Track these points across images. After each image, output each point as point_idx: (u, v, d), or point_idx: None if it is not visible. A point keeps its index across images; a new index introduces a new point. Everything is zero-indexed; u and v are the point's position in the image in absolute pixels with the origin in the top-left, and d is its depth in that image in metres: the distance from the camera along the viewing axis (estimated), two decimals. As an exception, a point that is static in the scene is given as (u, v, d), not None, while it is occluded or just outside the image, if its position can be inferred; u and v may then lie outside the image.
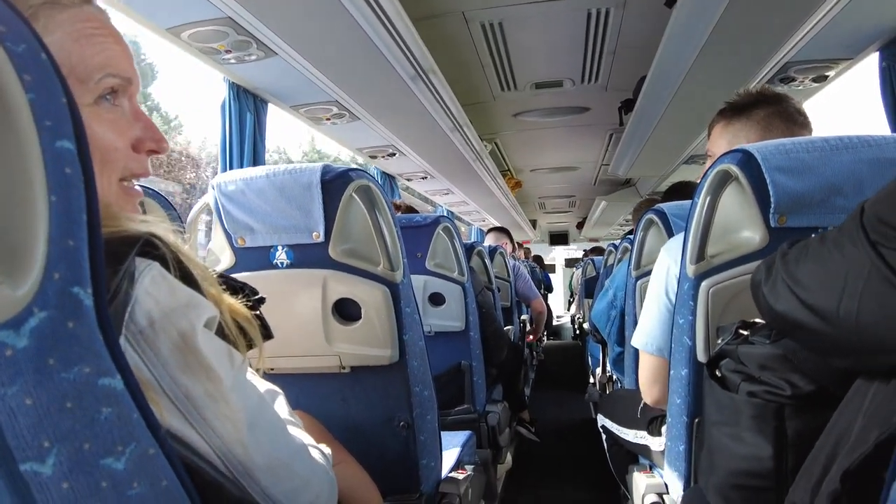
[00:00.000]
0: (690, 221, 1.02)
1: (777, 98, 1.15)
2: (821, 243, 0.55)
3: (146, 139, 0.57)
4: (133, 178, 0.57)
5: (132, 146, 0.56)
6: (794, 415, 0.70)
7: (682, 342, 1.04)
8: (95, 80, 0.51)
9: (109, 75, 0.52)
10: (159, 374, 0.46)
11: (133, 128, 0.56)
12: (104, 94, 0.53)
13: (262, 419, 0.55)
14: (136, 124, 0.56)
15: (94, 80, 0.51)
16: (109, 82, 0.52)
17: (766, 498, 0.74)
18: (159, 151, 0.58)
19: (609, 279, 2.16)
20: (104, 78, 0.52)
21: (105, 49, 0.52)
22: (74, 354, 0.36)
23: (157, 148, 0.58)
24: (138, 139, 0.56)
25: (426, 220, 1.83)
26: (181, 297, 0.48)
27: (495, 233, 4.15)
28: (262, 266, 1.09)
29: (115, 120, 0.54)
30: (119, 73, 0.53)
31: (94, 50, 0.51)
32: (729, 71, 2.08)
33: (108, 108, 0.53)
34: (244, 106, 2.09)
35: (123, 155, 0.55)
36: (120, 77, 0.53)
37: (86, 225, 0.37)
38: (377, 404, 1.14)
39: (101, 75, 0.51)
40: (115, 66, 0.53)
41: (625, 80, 3.04)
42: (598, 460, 2.77)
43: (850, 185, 0.89)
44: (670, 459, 1.12)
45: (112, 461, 0.38)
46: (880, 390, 0.50)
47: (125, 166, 0.55)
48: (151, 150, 0.58)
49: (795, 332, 0.60)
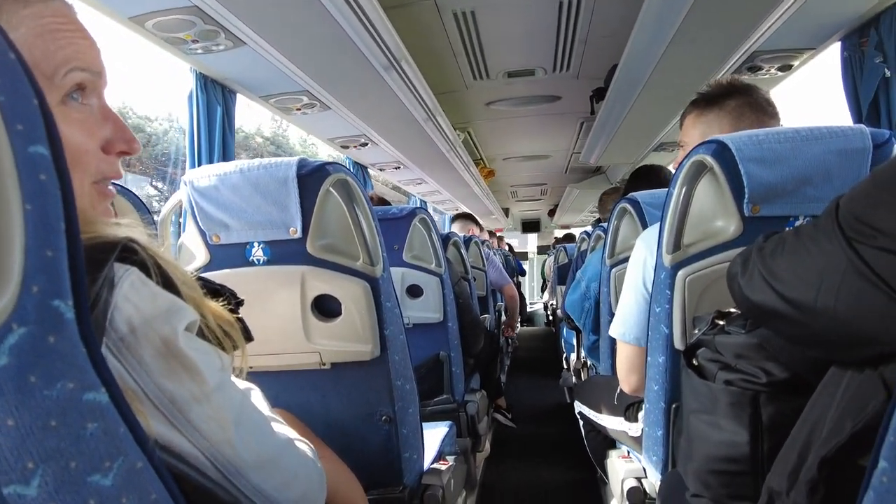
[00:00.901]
0: (666, 211, 1.04)
1: (747, 89, 1.17)
2: (796, 237, 0.57)
3: (117, 140, 0.55)
4: (105, 180, 0.55)
5: (102, 148, 0.54)
6: (769, 402, 0.72)
7: (659, 330, 1.06)
8: (62, 76, 0.49)
9: (76, 69, 0.50)
10: (143, 380, 0.45)
11: (103, 128, 0.54)
12: (72, 91, 0.50)
13: (247, 417, 0.55)
14: (106, 124, 0.54)
15: (60, 76, 0.49)
16: (77, 77, 0.50)
17: (742, 482, 0.76)
18: (130, 153, 0.56)
19: (581, 270, 2.19)
20: (71, 72, 0.49)
21: (71, 43, 0.50)
22: (57, 370, 0.34)
23: (128, 149, 0.56)
24: (108, 140, 0.54)
25: (402, 211, 1.82)
26: (162, 302, 0.47)
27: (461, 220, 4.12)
28: (238, 263, 1.07)
29: (85, 120, 0.52)
30: (87, 66, 0.51)
31: (58, 44, 0.49)
32: (699, 60, 2.11)
33: (77, 107, 0.51)
34: (212, 97, 2.03)
35: (94, 157, 0.52)
36: (88, 71, 0.51)
37: (64, 234, 0.36)
38: (358, 399, 1.13)
39: (68, 69, 0.49)
40: (82, 60, 0.50)
41: (596, 69, 3.06)
42: (574, 444, 2.83)
43: (820, 175, 0.91)
44: (648, 445, 1.15)
45: (99, 478, 0.37)
46: (854, 380, 0.52)
47: (97, 168, 0.53)
48: (122, 151, 0.55)
49: (771, 323, 0.61)
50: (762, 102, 1.16)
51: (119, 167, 0.56)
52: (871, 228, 0.44)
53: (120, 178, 0.57)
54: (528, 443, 3.01)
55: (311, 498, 0.64)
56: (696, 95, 1.25)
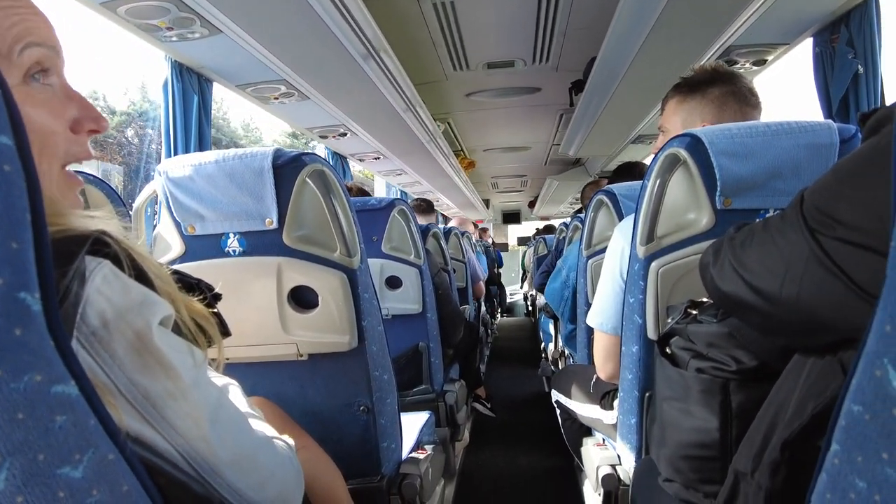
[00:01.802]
0: (641, 203, 1.05)
1: (731, 77, 1.18)
2: (764, 229, 0.58)
3: (84, 119, 0.53)
4: (76, 161, 0.53)
5: (70, 128, 0.52)
6: (738, 389, 0.74)
7: (633, 320, 1.08)
8: (18, 52, 0.48)
9: (32, 44, 0.48)
10: (115, 375, 0.44)
11: (68, 108, 0.52)
12: (32, 70, 0.49)
13: (224, 414, 0.54)
14: (71, 103, 0.53)
15: (16, 53, 0.47)
16: (35, 53, 0.49)
17: (712, 467, 0.78)
18: (99, 130, 0.55)
19: (561, 260, 2.21)
20: (27, 48, 0.48)
21: (24, 20, 0.48)
22: (24, 363, 0.34)
23: (97, 127, 0.55)
24: (76, 120, 0.53)
25: (381, 203, 1.82)
26: (135, 295, 0.46)
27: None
28: (214, 254, 1.06)
29: (49, 100, 0.50)
30: (43, 41, 0.49)
31: (11, 21, 0.47)
32: (675, 53, 2.13)
33: (40, 88, 0.50)
34: (188, 85, 1.99)
35: (63, 139, 0.51)
36: (45, 46, 0.50)
37: (30, 225, 0.35)
38: (336, 390, 1.13)
39: (23, 45, 0.48)
40: (36, 35, 0.49)
41: (575, 61, 3.07)
42: (552, 433, 2.86)
43: (789, 168, 0.94)
44: (622, 432, 1.17)
45: (69, 470, 0.37)
46: (816, 365, 0.54)
47: (66, 151, 0.52)
48: (92, 129, 0.54)
49: (741, 312, 0.63)
50: (745, 92, 1.17)
51: (89, 147, 0.55)
52: (831, 219, 0.46)
53: (90, 158, 0.56)
54: (507, 432, 3.04)
55: (288, 496, 0.64)
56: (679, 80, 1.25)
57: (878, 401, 0.33)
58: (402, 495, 1.18)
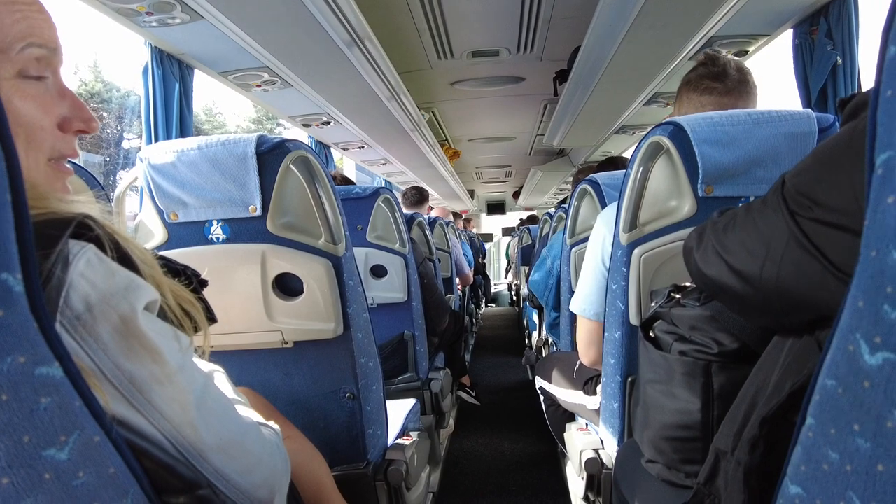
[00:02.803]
0: (623, 191, 1.06)
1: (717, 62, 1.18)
2: (747, 213, 0.59)
3: (74, 118, 0.53)
4: (61, 158, 0.53)
5: (59, 125, 0.52)
6: (720, 371, 0.76)
7: (616, 306, 1.10)
8: (17, 50, 0.48)
9: (33, 45, 0.49)
10: (100, 360, 0.44)
11: (59, 105, 0.52)
12: (28, 67, 0.49)
13: (210, 399, 0.54)
14: (63, 102, 0.53)
15: (15, 50, 0.48)
16: (33, 52, 0.49)
17: (694, 447, 0.80)
18: (88, 131, 0.55)
19: (546, 248, 2.23)
20: (27, 48, 0.48)
21: (27, 17, 0.49)
22: (7, 344, 0.34)
23: (85, 128, 0.55)
24: (65, 118, 0.53)
25: (366, 191, 1.81)
26: (120, 279, 0.45)
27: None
28: (197, 241, 1.05)
29: (40, 96, 0.50)
30: (44, 42, 0.50)
31: (14, 18, 0.48)
32: (659, 44, 2.14)
33: (33, 83, 0.50)
34: (168, 72, 1.96)
35: (50, 134, 0.51)
36: (45, 47, 0.50)
37: (10, 205, 0.35)
38: (322, 377, 1.13)
39: (24, 44, 0.48)
40: (38, 36, 0.49)
41: (559, 51, 3.07)
42: (536, 420, 2.90)
43: (769, 156, 0.95)
44: (605, 417, 1.19)
45: (55, 452, 0.37)
46: (794, 346, 0.55)
47: (52, 146, 0.52)
48: (80, 129, 0.54)
49: (723, 295, 0.64)
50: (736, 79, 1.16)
51: (76, 146, 0.55)
52: (810, 201, 0.47)
53: (76, 157, 0.56)
54: (492, 419, 3.06)
55: (275, 482, 0.64)
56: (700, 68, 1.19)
57: (851, 374, 0.34)
58: (387, 481, 1.19)
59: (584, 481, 1.27)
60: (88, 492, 0.39)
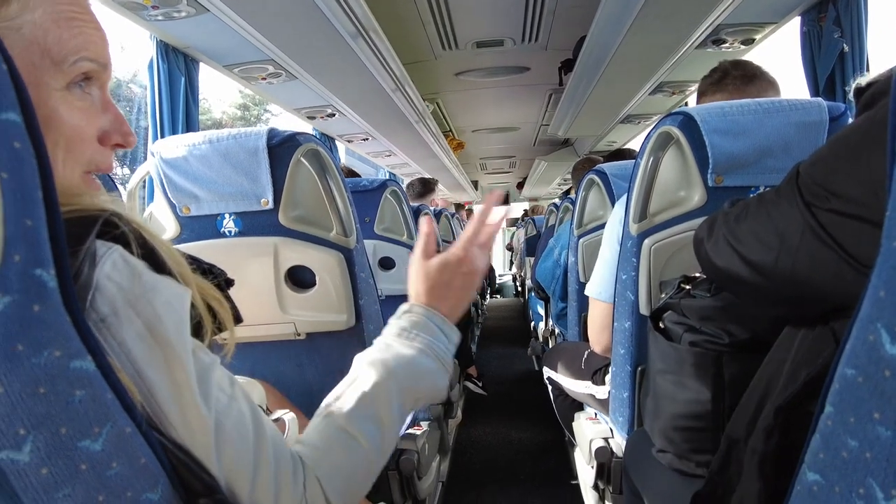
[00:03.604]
0: (633, 181, 1.07)
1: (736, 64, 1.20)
2: (759, 203, 0.59)
3: (113, 132, 0.54)
4: (97, 171, 0.54)
5: (98, 138, 0.53)
6: (731, 361, 0.77)
7: (626, 296, 1.10)
8: (70, 63, 0.48)
9: (85, 59, 0.50)
10: (124, 365, 0.43)
11: (102, 119, 0.53)
12: (77, 79, 0.50)
13: (230, 423, 0.51)
14: (106, 115, 0.53)
15: (68, 63, 0.48)
16: (85, 66, 0.50)
17: (704, 437, 0.81)
18: (126, 146, 0.55)
19: (553, 239, 2.23)
20: (79, 61, 0.49)
21: (83, 33, 0.50)
22: (43, 338, 0.35)
23: (123, 142, 0.55)
24: (105, 132, 0.53)
25: (373, 184, 1.81)
26: (146, 281, 0.45)
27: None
28: (209, 235, 1.05)
29: (85, 108, 0.51)
30: (96, 58, 0.51)
31: (72, 33, 0.48)
32: (665, 32, 2.13)
33: (80, 94, 0.50)
34: (174, 66, 1.96)
35: (90, 146, 0.52)
36: (96, 62, 0.51)
37: (42, 203, 0.36)
38: (334, 368, 1.14)
39: (77, 58, 0.49)
40: (92, 51, 0.50)
41: (564, 40, 3.06)
42: (543, 409, 2.91)
43: (780, 146, 0.95)
44: (615, 406, 1.20)
45: (89, 443, 0.37)
46: (808, 336, 0.56)
47: (90, 159, 0.52)
48: (118, 143, 0.55)
49: (735, 286, 0.65)
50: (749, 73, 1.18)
51: (111, 160, 0.55)
52: (826, 192, 0.47)
53: (111, 171, 0.56)
54: (499, 409, 3.08)
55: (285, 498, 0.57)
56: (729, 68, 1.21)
57: (871, 363, 0.35)
58: (399, 470, 1.21)
59: (594, 470, 1.28)
60: (121, 482, 0.40)
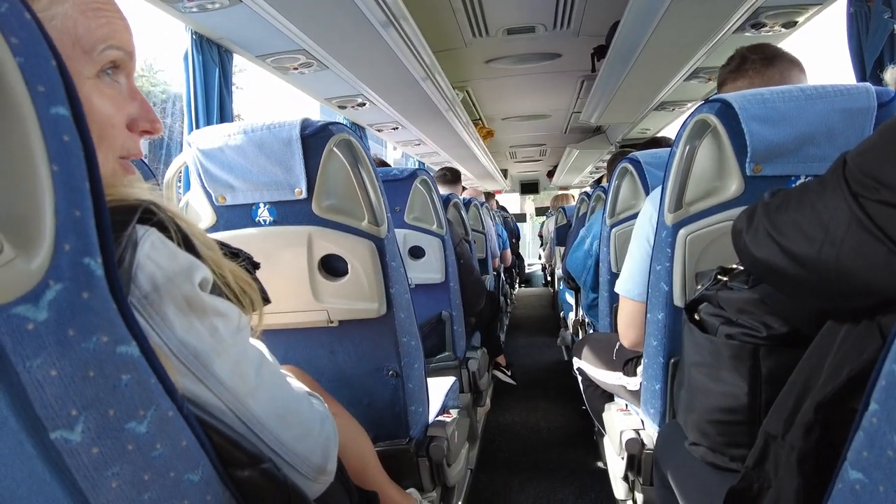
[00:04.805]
0: (669, 171, 1.04)
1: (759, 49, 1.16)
2: (802, 194, 0.58)
3: (141, 119, 0.57)
4: (129, 157, 0.57)
5: (127, 125, 0.56)
6: (769, 355, 0.75)
7: (659, 288, 1.08)
8: (99, 51, 0.51)
9: (112, 47, 0.52)
10: (167, 336, 0.47)
11: (129, 106, 0.56)
12: (106, 67, 0.52)
13: (266, 371, 0.58)
14: (133, 103, 0.56)
15: (97, 51, 0.51)
16: (112, 55, 0.52)
17: (739, 431, 0.79)
18: (153, 133, 0.58)
19: (585, 228, 2.20)
20: (107, 49, 0.52)
21: (110, 22, 0.52)
22: (91, 325, 0.36)
23: (151, 129, 0.58)
24: (133, 119, 0.56)
25: (403, 173, 1.82)
26: (182, 261, 0.49)
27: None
28: (245, 224, 1.08)
29: (114, 96, 0.54)
30: (122, 46, 0.53)
31: (99, 22, 0.51)
32: (702, 17, 2.06)
33: (109, 83, 0.53)
34: (208, 57, 1.99)
35: (120, 133, 0.55)
36: (123, 50, 0.53)
37: (89, 194, 0.37)
38: (366, 355, 1.16)
39: (104, 46, 0.51)
40: (118, 39, 0.53)
41: (597, 26, 3.00)
42: (571, 399, 2.90)
43: (823, 134, 0.92)
44: (646, 398, 1.19)
45: (135, 425, 0.39)
46: (852, 331, 0.54)
47: (122, 145, 0.55)
48: (145, 130, 0.57)
49: (774, 278, 0.63)
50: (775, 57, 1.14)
51: (140, 145, 0.58)
52: (876, 182, 0.45)
53: (140, 157, 0.59)
54: (528, 398, 3.08)
55: (328, 446, 0.67)
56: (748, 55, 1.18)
57: (921, 360, 0.34)
58: (429, 457, 1.22)
59: (624, 461, 1.27)
60: (164, 462, 0.42)
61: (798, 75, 1.13)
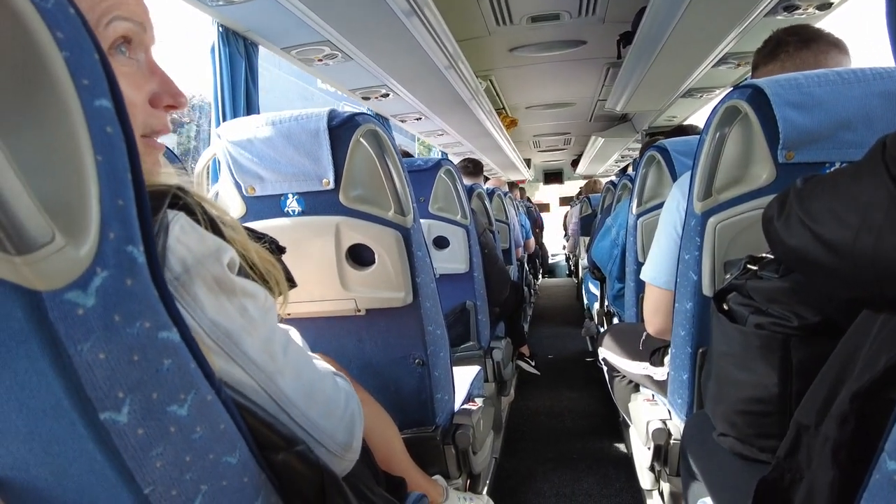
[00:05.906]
0: (698, 158, 1.03)
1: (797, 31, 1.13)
2: (836, 179, 0.56)
3: (163, 94, 0.55)
4: (154, 134, 0.56)
5: (150, 101, 0.55)
6: (800, 345, 0.73)
7: (688, 277, 1.07)
8: (104, 25, 0.49)
9: (119, 18, 0.49)
10: (199, 317, 0.49)
11: (150, 82, 0.54)
12: (118, 44, 0.50)
13: (292, 349, 0.60)
14: (153, 78, 0.55)
15: (102, 25, 0.48)
16: (120, 27, 0.49)
17: (769, 422, 0.78)
18: (177, 107, 0.57)
19: (611, 217, 2.18)
20: (113, 21, 0.49)
21: None
22: (135, 311, 0.37)
23: (174, 103, 0.56)
24: (156, 94, 0.55)
25: (427, 163, 1.82)
26: (210, 243, 0.50)
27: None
28: (274, 214, 1.09)
29: (132, 74, 0.52)
30: (130, 16, 0.50)
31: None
32: (731, 0, 2.01)
33: (124, 60, 0.52)
34: (234, 49, 2.02)
35: (142, 111, 0.54)
36: (131, 21, 0.50)
37: (131, 184, 0.38)
38: (392, 343, 1.18)
39: (110, 18, 0.49)
40: (125, 10, 0.50)
41: (623, 12, 2.94)
42: (595, 389, 2.89)
43: (860, 119, 0.89)
44: (674, 388, 1.18)
45: (177, 408, 0.40)
46: (889, 320, 0.52)
47: (145, 122, 0.54)
48: (169, 105, 0.56)
49: (806, 267, 0.62)
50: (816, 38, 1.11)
51: (167, 121, 0.57)
52: None
53: (168, 133, 0.58)
54: (552, 388, 3.08)
55: (353, 424, 0.68)
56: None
57: (964, 349, 0.33)
58: (455, 445, 1.23)
59: (651, 451, 1.27)
60: (204, 445, 0.43)
61: (838, 57, 1.09)
